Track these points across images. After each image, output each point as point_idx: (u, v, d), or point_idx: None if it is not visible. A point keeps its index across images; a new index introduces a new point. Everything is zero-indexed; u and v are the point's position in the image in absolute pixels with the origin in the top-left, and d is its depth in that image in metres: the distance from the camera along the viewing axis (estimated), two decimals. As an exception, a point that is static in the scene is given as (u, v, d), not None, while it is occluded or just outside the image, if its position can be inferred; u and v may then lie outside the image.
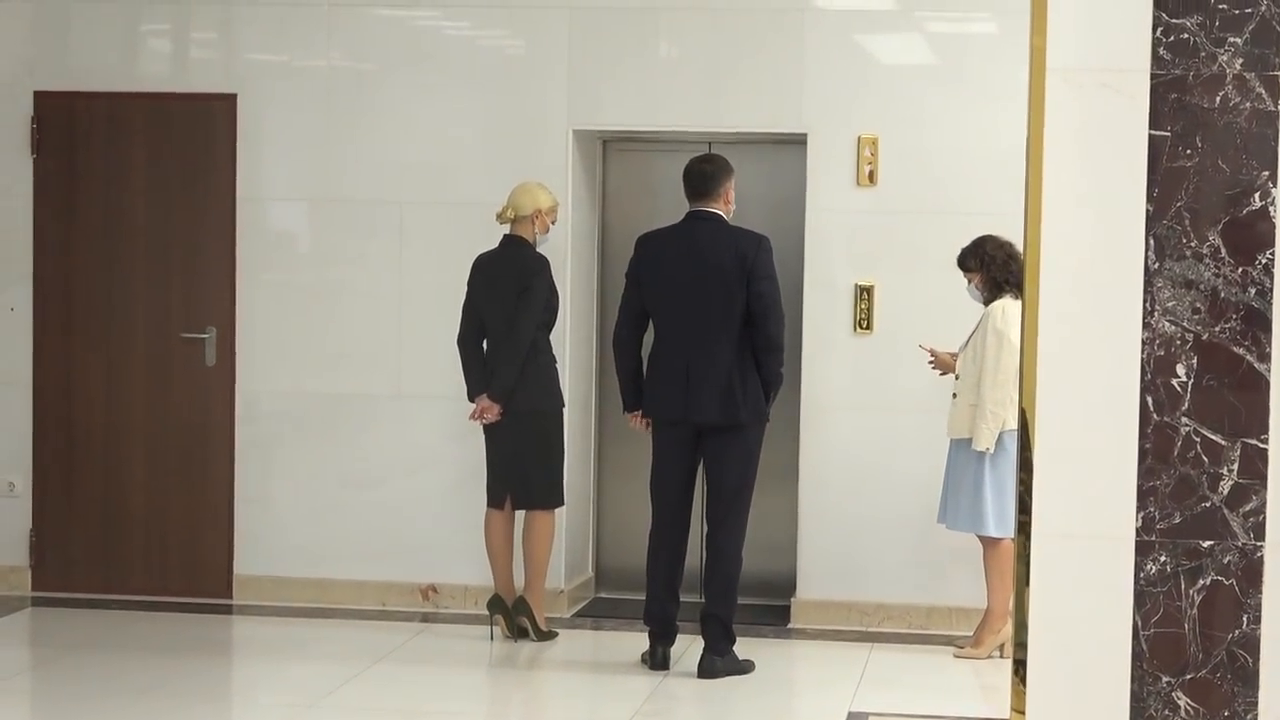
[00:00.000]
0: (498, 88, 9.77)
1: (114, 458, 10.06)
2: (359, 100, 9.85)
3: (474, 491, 9.40)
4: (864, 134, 9.52)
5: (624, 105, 9.73)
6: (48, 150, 10.02)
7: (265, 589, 9.97)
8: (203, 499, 10.01)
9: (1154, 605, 4.45)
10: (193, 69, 10.06)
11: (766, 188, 9.98)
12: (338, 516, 9.93)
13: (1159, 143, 4.41)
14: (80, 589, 10.06)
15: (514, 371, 8.98)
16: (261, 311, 9.95)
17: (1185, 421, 4.43)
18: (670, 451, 8.58)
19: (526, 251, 9.08)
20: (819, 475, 9.61)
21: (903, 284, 9.52)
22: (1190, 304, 4.42)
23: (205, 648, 9.18)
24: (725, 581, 8.52)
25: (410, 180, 9.83)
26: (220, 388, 9.97)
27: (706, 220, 8.53)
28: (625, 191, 10.32)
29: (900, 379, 9.48)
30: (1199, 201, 4.41)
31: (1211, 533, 4.43)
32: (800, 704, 8.63)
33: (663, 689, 8.35)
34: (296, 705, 7.92)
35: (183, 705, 7.95)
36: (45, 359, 10.06)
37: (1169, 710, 4.46)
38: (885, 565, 9.56)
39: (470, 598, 9.75)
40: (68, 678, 8.44)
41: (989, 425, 8.66)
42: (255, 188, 9.94)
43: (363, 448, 9.91)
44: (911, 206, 9.50)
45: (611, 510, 10.34)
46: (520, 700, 8.57)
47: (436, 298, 9.68)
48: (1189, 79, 4.39)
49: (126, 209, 10.01)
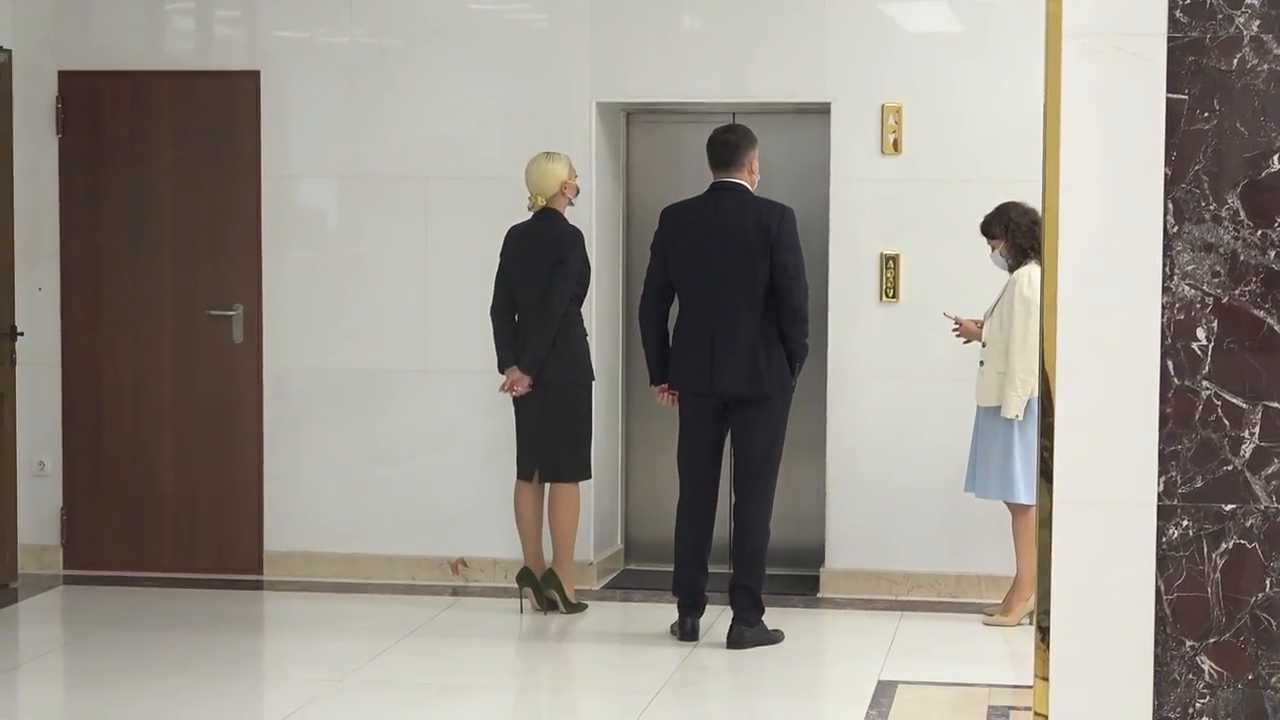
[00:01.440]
0: (521, 61, 9.77)
1: (143, 436, 10.09)
2: (383, 76, 9.86)
3: (503, 465, 9.42)
4: (888, 102, 9.50)
5: (647, 77, 9.73)
6: (73, 130, 10.05)
7: (295, 565, 10.00)
8: (232, 476, 10.05)
9: (1177, 570, 4.44)
10: (216, 47, 10.08)
11: (790, 157, 9.97)
12: (366, 491, 9.96)
13: (1177, 106, 4.39)
14: (111, 567, 10.10)
15: (545, 344, 8.98)
16: (288, 288, 9.97)
17: (1206, 385, 4.42)
18: (697, 423, 8.59)
19: (560, 224, 9.08)
20: (846, 445, 9.61)
21: (928, 252, 9.51)
22: (1210, 267, 4.40)
23: (236, 624, 9.21)
24: (753, 552, 8.53)
25: (435, 155, 9.84)
26: (248, 365, 10.00)
27: (730, 191, 8.52)
28: (649, 164, 10.31)
29: (927, 348, 9.47)
30: (1217, 164, 4.39)
31: (1234, 496, 4.42)
32: (830, 673, 8.64)
33: (692, 660, 8.36)
34: (327, 680, 7.95)
35: (214, 681, 7.99)
36: (73, 338, 10.10)
37: (1193, 674, 4.45)
38: (914, 534, 9.56)
39: (499, 571, 9.77)
40: (99, 654, 8.49)
41: (1018, 392, 8.65)
42: (280, 165, 9.95)
43: (391, 423, 9.93)
44: (936, 174, 9.48)
45: (640, 482, 10.35)
46: (550, 672, 8.59)
47: (462, 271, 9.69)
48: (1206, 41, 4.37)
49: (152, 188, 10.03)
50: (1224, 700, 4.45)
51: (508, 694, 8.18)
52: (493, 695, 7.97)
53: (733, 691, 8.12)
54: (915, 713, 7.47)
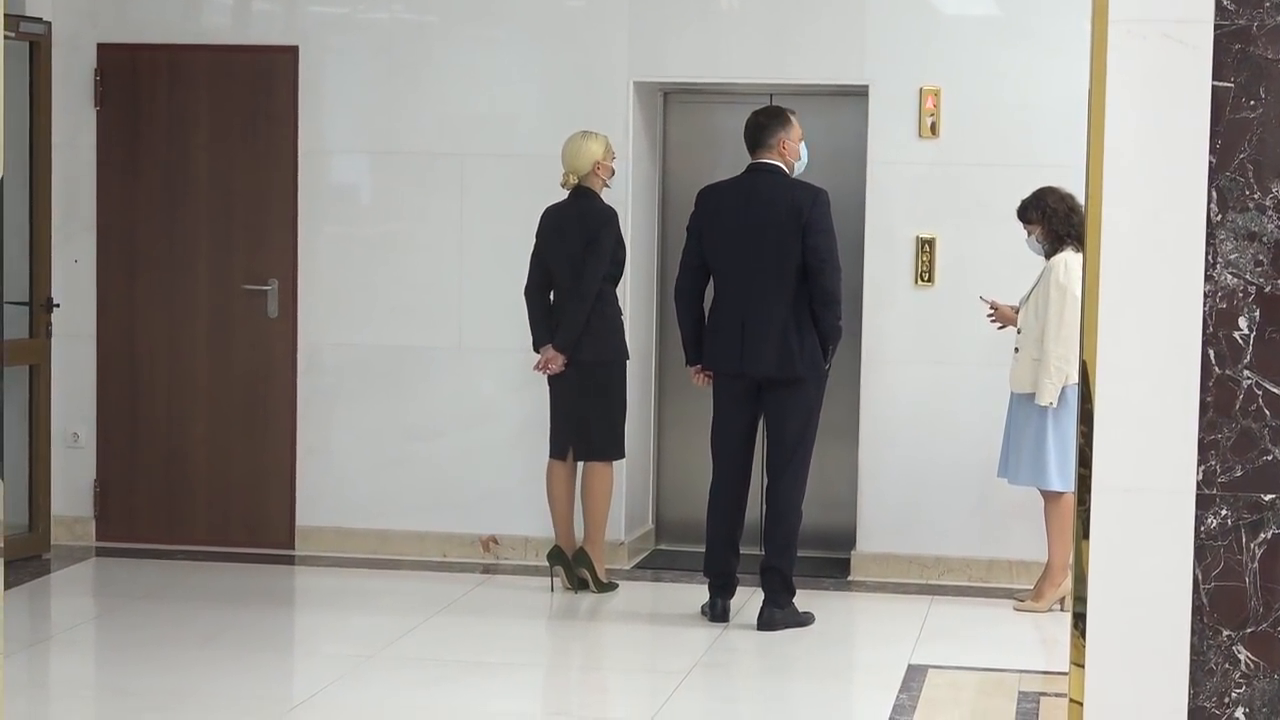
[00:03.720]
0: (559, 40, 9.76)
1: (177, 409, 10.12)
2: (420, 52, 9.86)
3: (535, 443, 9.43)
4: (926, 86, 9.47)
5: (685, 57, 9.71)
6: (111, 103, 10.06)
7: (327, 540, 10.02)
8: (265, 450, 10.06)
9: (1214, 559, 4.43)
10: (254, 21, 10.09)
11: (828, 140, 9.93)
12: (399, 468, 9.97)
13: (1222, 94, 4.37)
14: (143, 539, 10.13)
15: (580, 322, 8.98)
16: (323, 263, 9.98)
17: (1247, 374, 4.41)
18: (731, 405, 8.59)
19: (595, 203, 9.08)
20: (879, 428, 9.59)
21: (965, 236, 9.49)
22: (1253, 256, 4.39)
23: (267, 598, 9.24)
24: (785, 534, 8.52)
25: (471, 132, 9.83)
26: (282, 339, 10.01)
27: (765, 173, 8.52)
28: (686, 144, 10.30)
29: (961, 332, 9.45)
30: (1262, 153, 4.37)
31: (1273, 486, 4.41)
32: (860, 656, 8.64)
33: (722, 641, 8.36)
34: (358, 655, 7.97)
35: (245, 654, 8.01)
36: (109, 311, 10.12)
37: (1229, 664, 4.44)
38: (946, 518, 9.55)
39: (531, 549, 9.78)
40: (131, 626, 8.51)
41: (1052, 380, 8.63)
42: (317, 140, 9.96)
43: (424, 400, 9.95)
44: (974, 159, 9.45)
45: (672, 463, 10.35)
46: (580, 651, 8.60)
47: (497, 249, 9.70)
48: (1253, 29, 4.35)
49: (189, 161, 10.04)
50: (1260, 690, 4.44)
51: (537, 672, 8.19)
52: (522, 673, 7.98)
53: (762, 673, 8.12)
54: (945, 697, 7.47)
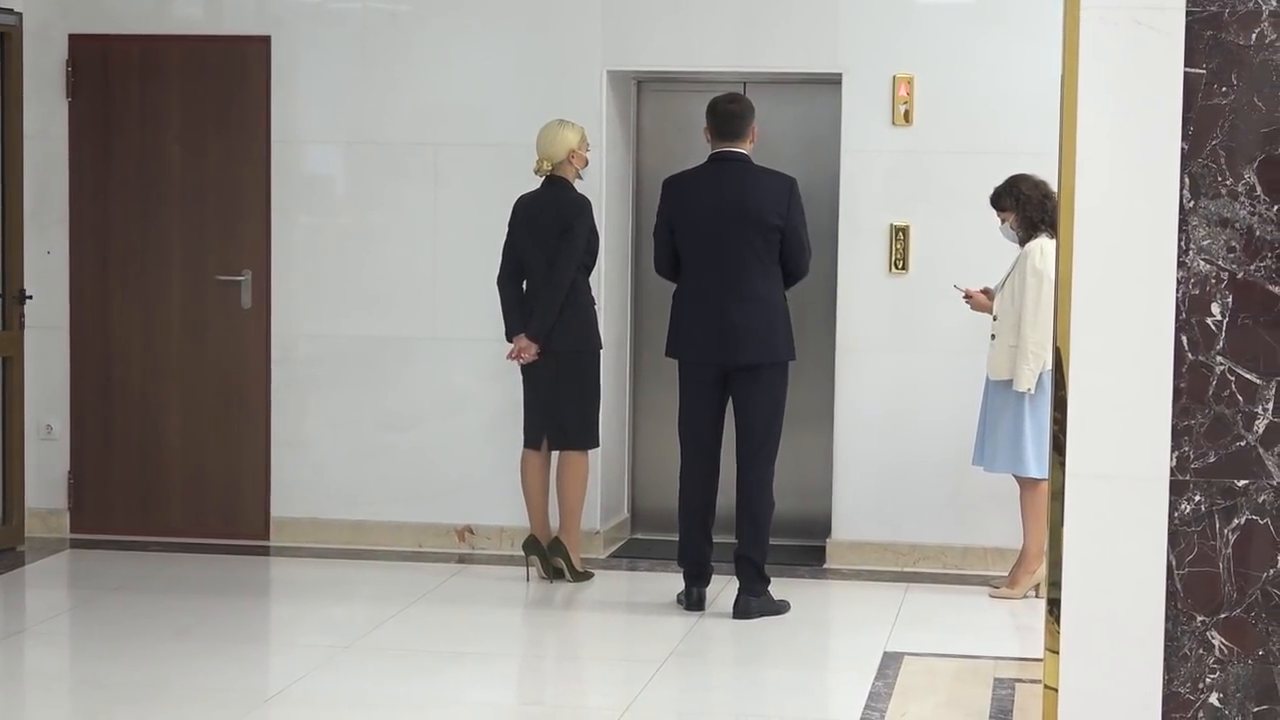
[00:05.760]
0: (532, 29, 9.75)
1: (151, 400, 10.09)
2: (393, 42, 9.84)
3: (510, 433, 9.43)
4: (899, 74, 9.47)
5: (658, 46, 9.71)
6: (83, 93, 10.03)
7: (302, 531, 10.01)
8: (239, 441, 10.05)
9: (1188, 544, 4.45)
10: (226, 11, 10.05)
11: (801, 128, 9.95)
12: (374, 458, 9.96)
13: (1194, 80, 4.38)
14: (118, 531, 10.11)
15: (553, 312, 8.98)
16: (297, 254, 9.96)
17: (1220, 360, 4.42)
18: (698, 393, 8.58)
19: (568, 193, 9.07)
20: (854, 416, 9.60)
21: (938, 224, 9.49)
22: (1225, 242, 4.40)
23: (243, 589, 9.22)
24: (757, 522, 8.53)
25: (444, 122, 9.82)
26: (256, 330, 10.00)
27: (734, 162, 8.51)
28: (659, 132, 10.29)
29: (936, 319, 9.46)
30: (1234, 139, 4.38)
31: (1246, 472, 4.42)
32: (835, 644, 8.65)
33: (698, 629, 8.37)
34: (333, 646, 7.96)
35: (220, 645, 7.99)
36: (82, 302, 10.09)
37: (1203, 649, 4.46)
38: (920, 506, 9.56)
39: (506, 539, 9.78)
40: (106, 618, 8.49)
41: (1030, 366, 8.64)
42: (289, 130, 9.94)
43: (398, 390, 9.93)
44: (947, 146, 9.46)
45: (646, 452, 10.35)
46: (556, 641, 8.60)
47: (471, 239, 9.68)
48: (1224, 16, 4.36)
49: (161, 152, 10.02)
50: (1234, 675, 4.46)
51: (513, 662, 8.18)
52: (498, 663, 7.97)
53: (738, 661, 8.12)
54: (921, 684, 7.47)
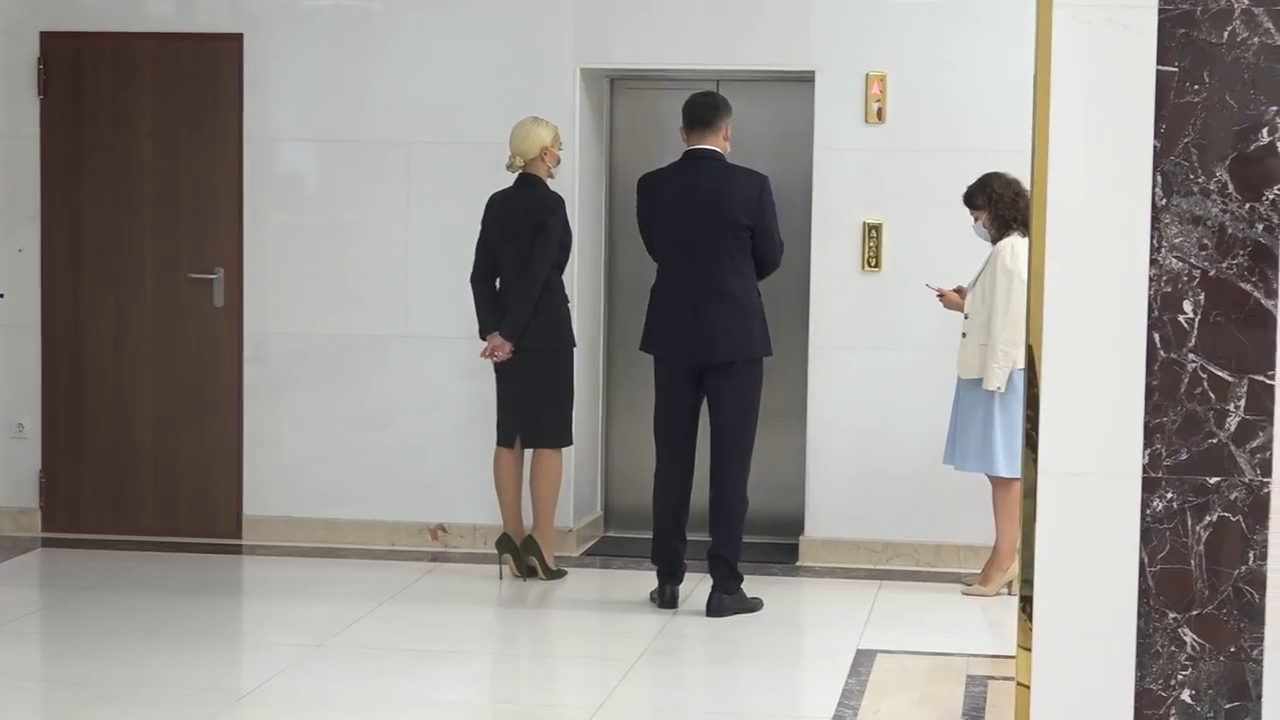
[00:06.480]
0: (505, 27, 9.74)
1: (123, 399, 10.07)
2: (366, 40, 9.82)
3: (483, 431, 9.42)
4: (872, 71, 9.48)
5: (631, 44, 9.70)
6: (54, 91, 10.00)
7: (275, 529, 9.99)
8: (212, 440, 10.03)
9: (1160, 542, 4.45)
10: (199, 9, 10.03)
11: (774, 126, 9.96)
12: (346, 457, 9.94)
13: (1166, 78, 4.39)
14: (90, 530, 10.09)
15: (527, 310, 8.97)
16: (269, 252, 9.94)
17: (1192, 358, 4.42)
18: (673, 391, 8.59)
19: (541, 190, 9.06)
20: (827, 414, 9.61)
21: (912, 222, 9.50)
22: (1197, 240, 4.40)
23: (215, 588, 9.21)
24: (731, 520, 8.53)
25: (417, 120, 9.81)
26: (228, 329, 9.98)
27: (706, 159, 8.51)
28: (633, 130, 10.29)
29: (908, 317, 9.47)
30: (1206, 137, 4.38)
31: (1218, 469, 4.43)
32: (809, 641, 8.65)
33: (671, 627, 8.37)
34: (306, 644, 7.94)
35: (193, 645, 7.97)
36: (54, 300, 10.07)
37: (1175, 646, 4.46)
38: (893, 503, 9.57)
39: (479, 537, 9.77)
40: (78, 618, 8.47)
41: (1000, 364, 8.65)
42: (262, 128, 9.92)
43: (371, 388, 9.92)
44: (920, 144, 9.47)
45: (620, 450, 10.34)
46: (529, 639, 8.59)
47: (444, 237, 9.67)
48: (1196, 14, 4.37)
49: (133, 150, 9.99)
50: (1206, 672, 4.46)
51: (486, 660, 8.18)
52: (471, 661, 7.97)
53: (711, 659, 8.12)
54: (893, 681, 7.48)
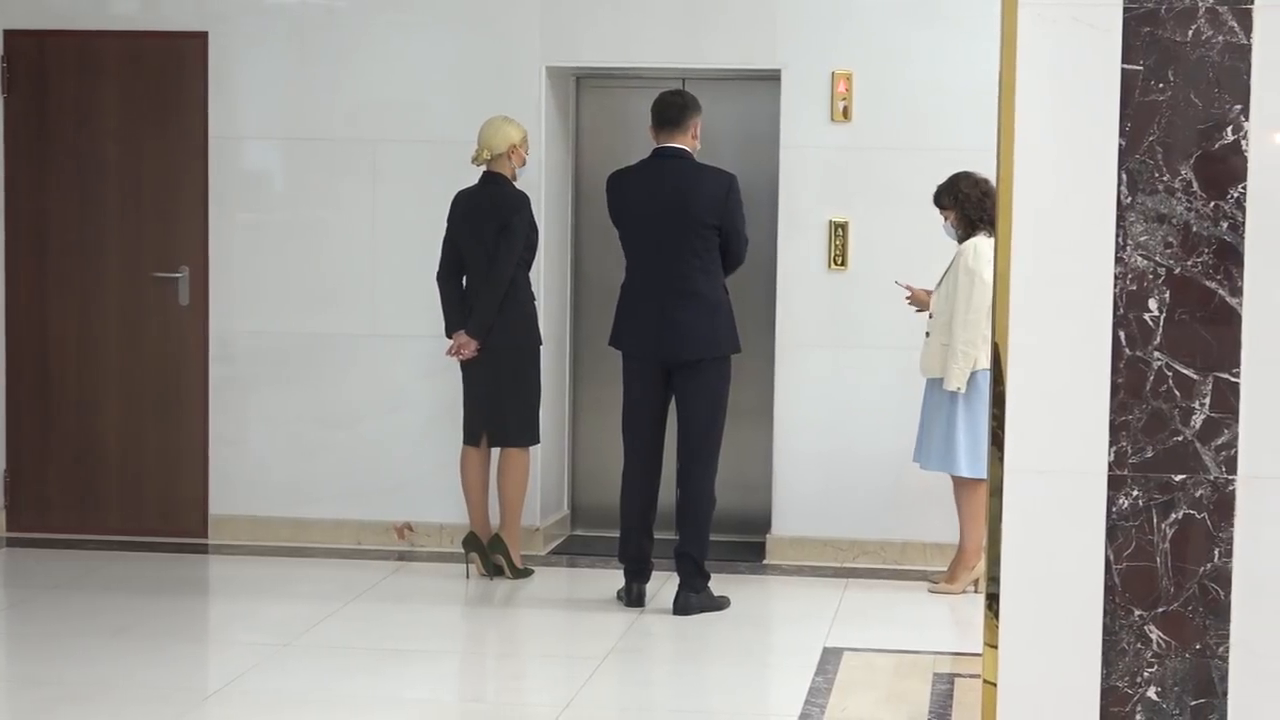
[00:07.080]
0: (471, 25, 9.73)
1: (88, 398, 10.04)
2: (331, 38, 9.80)
3: (449, 430, 9.41)
4: (838, 69, 9.49)
5: (598, 42, 9.69)
6: (19, 90, 9.97)
7: (240, 528, 9.97)
8: (177, 438, 10.00)
9: (1126, 539, 4.46)
10: (164, 7, 10.00)
11: (740, 124, 9.95)
12: (313, 456, 9.92)
13: (1131, 77, 4.39)
14: (55, 529, 10.05)
15: (493, 308, 8.96)
16: (235, 251, 9.92)
17: (1157, 356, 4.43)
18: (641, 389, 8.59)
19: (506, 188, 9.05)
20: (794, 412, 9.61)
21: (878, 220, 9.51)
22: (1162, 238, 4.41)
23: (181, 587, 9.18)
24: (698, 519, 8.53)
25: (383, 118, 9.79)
26: (194, 327, 9.95)
27: (674, 158, 8.51)
28: (599, 129, 10.28)
29: (875, 316, 9.48)
30: (1171, 136, 4.39)
31: (1183, 467, 4.44)
32: (776, 639, 8.66)
33: (638, 625, 8.37)
34: (273, 644, 7.93)
35: (159, 644, 7.95)
36: (18, 299, 10.03)
37: (1141, 643, 4.47)
38: (860, 501, 9.58)
39: (446, 536, 9.76)
40: (43, 617, 8.44)
41: (960, 365, 8.66)
42: (227, 126, 9.89)
43: (338, 387, 9.90)
44: (886, 142, 9.48)
45: (586, 448, 10.34)
46: (496, 637, 8.58)
47: (410, 236, 9.66)
48: (1161, 12, 4.38)
49: (98, 148, 9.96)
50: (1171, 669, 4.47)
51: (453, 659, 8.16)
52: (438, 660, 7.95)
53: (678, 657, 8.12)
54: (861, 679, 7.49)
